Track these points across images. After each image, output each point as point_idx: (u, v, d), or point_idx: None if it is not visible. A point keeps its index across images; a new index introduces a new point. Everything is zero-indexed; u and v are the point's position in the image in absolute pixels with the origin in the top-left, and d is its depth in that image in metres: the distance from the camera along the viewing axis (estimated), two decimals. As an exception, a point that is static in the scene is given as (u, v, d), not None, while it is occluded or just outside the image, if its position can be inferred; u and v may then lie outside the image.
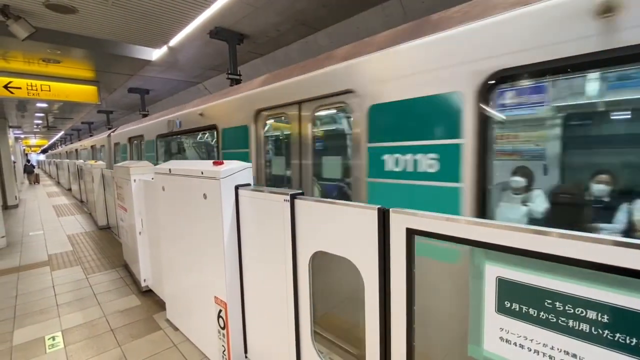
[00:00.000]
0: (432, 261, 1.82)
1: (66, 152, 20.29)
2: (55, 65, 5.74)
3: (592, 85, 2.45)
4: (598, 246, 0.88)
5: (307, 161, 3.05)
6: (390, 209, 1.39)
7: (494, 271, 1.09)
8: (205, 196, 2.49)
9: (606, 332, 0.89)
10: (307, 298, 1.96)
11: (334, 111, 3.20)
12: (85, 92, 6.81)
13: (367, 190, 2.34)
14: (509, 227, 1.05)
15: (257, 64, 7.04)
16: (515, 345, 1.07)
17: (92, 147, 12.74)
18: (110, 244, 6.50)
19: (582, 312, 0.92)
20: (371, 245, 1.49)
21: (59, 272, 4.96)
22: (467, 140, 1.81)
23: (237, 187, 2.40)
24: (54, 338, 3.18)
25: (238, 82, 5.87)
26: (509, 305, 1.07)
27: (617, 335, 0.87)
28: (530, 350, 1.03)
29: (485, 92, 1.74)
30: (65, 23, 4.06)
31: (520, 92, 2.59)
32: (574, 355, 0.95)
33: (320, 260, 1.96)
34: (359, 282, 1.58)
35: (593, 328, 0.91)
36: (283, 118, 3.40)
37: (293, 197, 1.96)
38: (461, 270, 1.77)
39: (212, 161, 2.55)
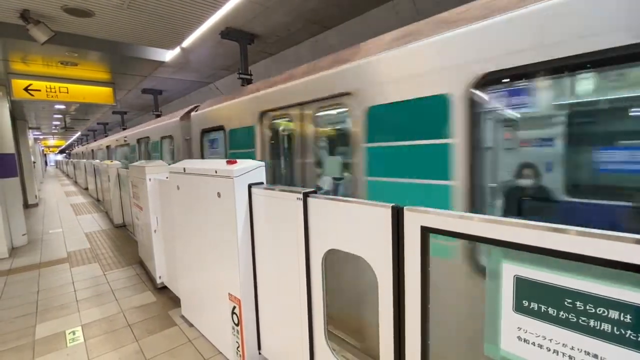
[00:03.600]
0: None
1: (107, 146, 13.72)
2: (73, 67, 5.90)
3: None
4: (619, 244, 0.86)
5: None
6: (405, 207, 1.39)
7: (511, 270, 1.08)
8: (219, 195, 2.53)
9: (629, 332, 0.87)
10: (320, 295, 1.97)
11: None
12: (102, 94, 6.99)
13: None
14: (525, 224, 1.03)
15: (267, 63, 7.08)
16: (534, 345, 1.05)
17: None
18: (126, 242, 6.66)
19: (603, 312, 0.90)
20: (385, 244, 1.49)
21: (78, 269, 5.12)
22: None
23: (250, 186, 2.42)
24: (74, 332, 3.29)
25: (249, 82, 5.92)
26: (527, 304, 1.06)
27: (641, 335, 0.85)
28: (550, 350, 1.02)
29: None
30: (82, 26, 4.16)
31: None
32: (595, 356, 0.93)
33: (331, 260, 1.97)
34: (367, 280, 1.58)
35: (615, 328, 0.89)
36: None
37: (306, 196, 1.97)
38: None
39: (225, 160, 2.59)
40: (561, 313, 0.98)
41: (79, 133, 22.71)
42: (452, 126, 1.94)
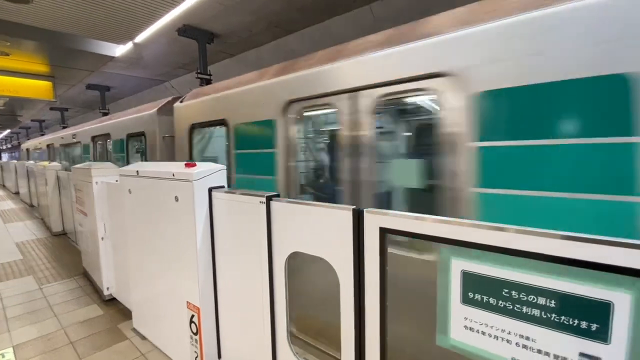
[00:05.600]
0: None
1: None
2: (4, 57, 5.27)
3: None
4: (548, 240, 0.99)
5: None
6: (365, 209, 1.46)
7: (459, 265, 1.19)
8: (177, 199, 2.43)
9: (553, 315, 1.01)
10: (283, 299, 1.98)
11: None
12: (39, 88, 6.31)
13: None
14: (471, 224, 1.15)
15: (228, 64, 6.92)
16: (478, 332, 1.17)
17: None
18: (66, 251, 6.06)
19: (533, 299, 1.04)
20: (346, 245, 1.55)
21: (7, 283, 4.55)
22: None
23: (210, 190, 2.36)
24: (3, 355, 2.92)
25: (208, 82, 5.74)
26: (472, 296, 1.17)
27: (563, 317, 0.99)
28: (491, 336, 1.14)
29: None
30: (17, 13, 3.75)
31: None
32: (527, 338, 1.06)
33: (294, 262, 1.99)
34: (327, 282, 1.63)
35: (543, 312, 1.03)
36: None
37: (269, 199, 1.97)
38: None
39: (184, 162, 2.49)
40: (500, 302, 1.11)
41: (8, 131, 20.21)
42: None
